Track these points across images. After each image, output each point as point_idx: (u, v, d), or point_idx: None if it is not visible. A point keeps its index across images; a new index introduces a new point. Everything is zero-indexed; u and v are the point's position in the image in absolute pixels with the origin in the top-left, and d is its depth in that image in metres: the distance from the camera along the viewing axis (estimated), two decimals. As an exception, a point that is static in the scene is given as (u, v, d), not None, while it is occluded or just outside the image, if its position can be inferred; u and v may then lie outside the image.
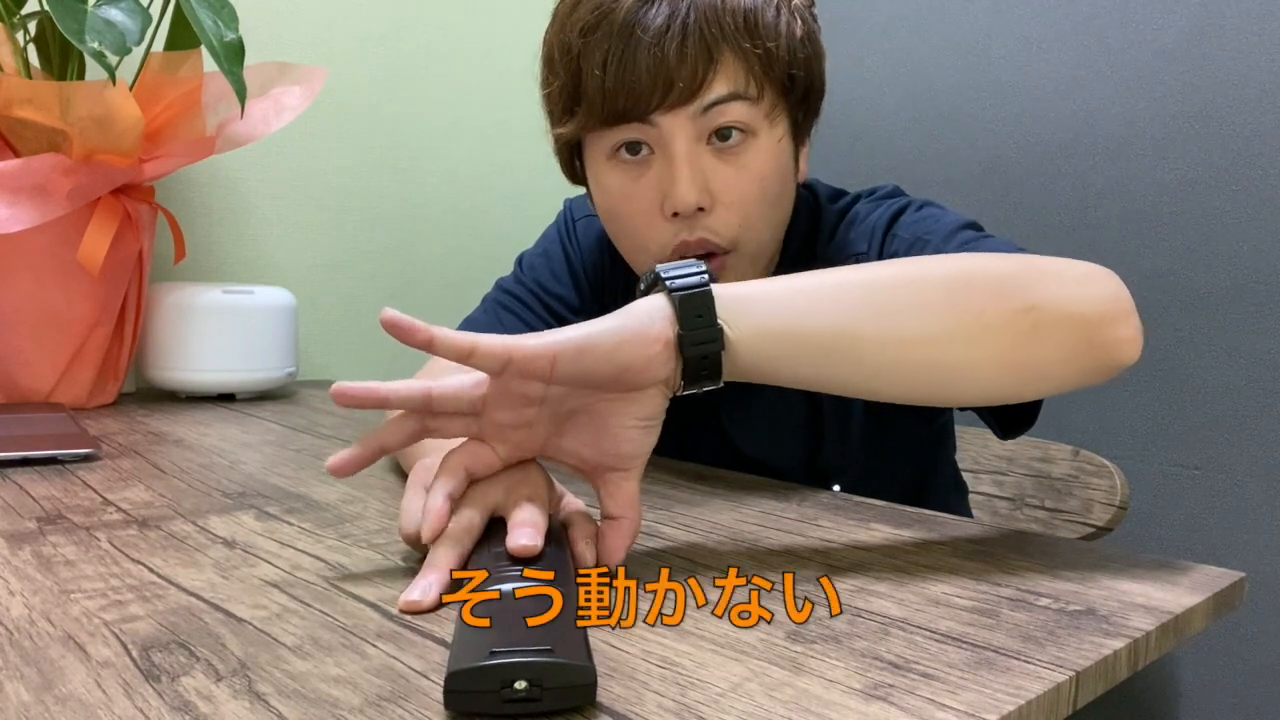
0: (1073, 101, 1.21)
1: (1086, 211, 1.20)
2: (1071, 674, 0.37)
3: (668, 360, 0.46)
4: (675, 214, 0.66)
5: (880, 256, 0.71)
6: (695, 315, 0.46)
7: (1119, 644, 0.40)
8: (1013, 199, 1.26)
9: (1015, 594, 0.46)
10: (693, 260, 0.49)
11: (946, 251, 0.65)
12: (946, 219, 0.70)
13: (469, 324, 0.83)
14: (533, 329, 0.80)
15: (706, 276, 0.47)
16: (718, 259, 0.68)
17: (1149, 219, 1.15)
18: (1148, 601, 0.46)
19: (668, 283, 0.47)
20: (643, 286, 0.51)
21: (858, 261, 0.67)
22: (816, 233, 0.76)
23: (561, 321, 0.81)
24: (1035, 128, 1.24)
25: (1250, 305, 1.08)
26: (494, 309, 0.83)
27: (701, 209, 0.66)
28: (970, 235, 0.67)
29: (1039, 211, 1.24)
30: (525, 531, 0.42)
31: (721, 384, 0.48)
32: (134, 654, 0.37)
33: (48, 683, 0.34)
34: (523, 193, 1.54)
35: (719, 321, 0.47)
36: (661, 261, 0.68)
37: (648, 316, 0.46)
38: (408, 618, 0.41)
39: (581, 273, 0.84)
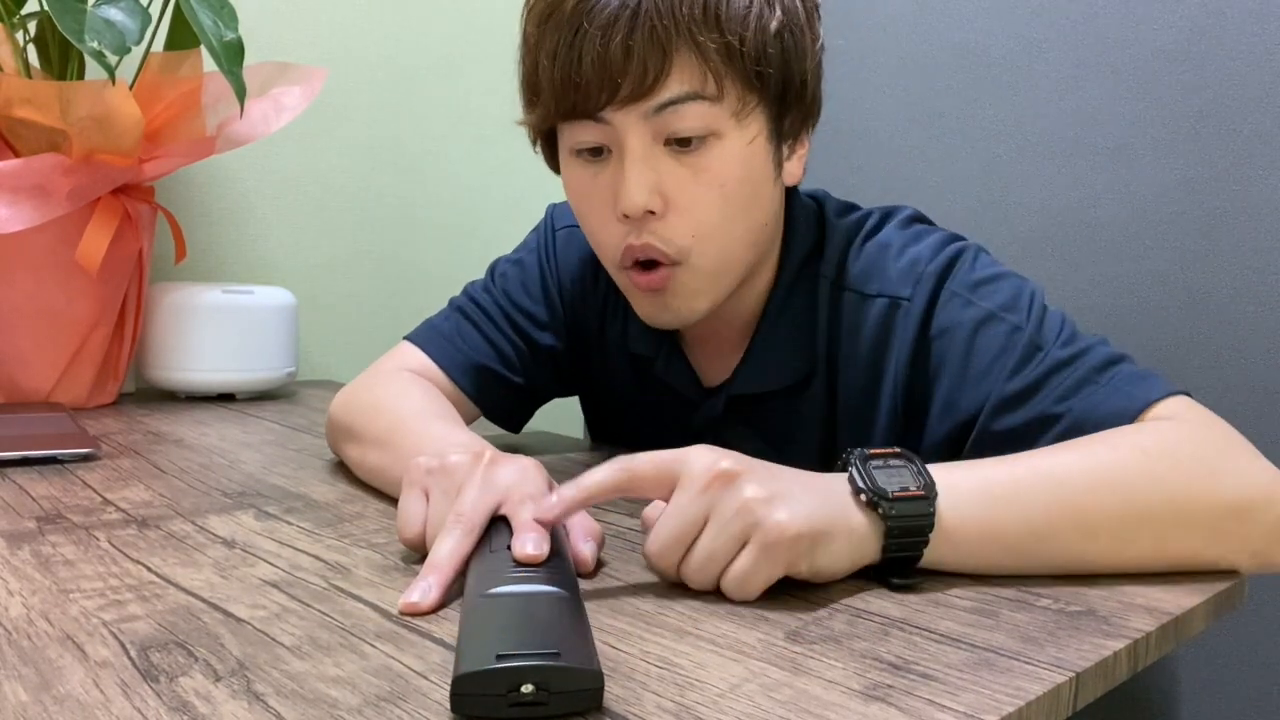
0: (1073, 101, 1.21)
1: (1086, 211, 1.20)
2: (1071, 675, 0.37)
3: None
4: (626, 216, 0.62)
5: (931, 311, 0.65)
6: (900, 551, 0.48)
7: (1119, 644, 0.40)
8: (1013, 199, 1.26)
9: (1015, 594, 0.46)
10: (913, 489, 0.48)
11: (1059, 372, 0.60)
12: (1008, 287, 0.65)
13: (430, 329, 0.80)
14: (493, 344, 0.78)
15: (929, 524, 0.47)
16: (663, 269, 0.63)
17: (1149, 219, 1.15)
18: (1148, 602, 0.46)
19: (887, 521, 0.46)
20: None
21: (897, 304, 0.66)
22: (821, 250, 0.72)
23: (525, 337, 0.79)
24: (1035, 128, 1.24)
25: (1250, 305, 1.08)
26: (456, 320, 0.80)
27: (652, 212, 0.61)
28: (1087, 363, 0.60)
29: (1039, 211, 1.24)
30: (530, 539, 0.42)
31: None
32: (132, 654, 0.37)
33: (46, 682, 0.34)
34: (522, 193, 1.54)
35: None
36: (615, 261, 0.65)
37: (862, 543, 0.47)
38: (406, 618, 0.41)
39: (555, 290, 0.80)
